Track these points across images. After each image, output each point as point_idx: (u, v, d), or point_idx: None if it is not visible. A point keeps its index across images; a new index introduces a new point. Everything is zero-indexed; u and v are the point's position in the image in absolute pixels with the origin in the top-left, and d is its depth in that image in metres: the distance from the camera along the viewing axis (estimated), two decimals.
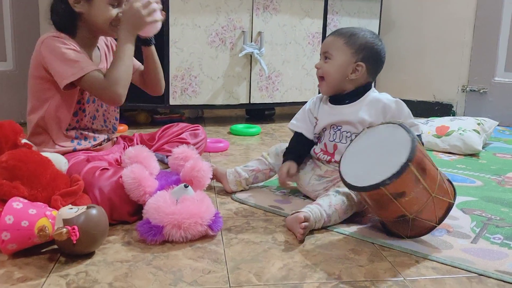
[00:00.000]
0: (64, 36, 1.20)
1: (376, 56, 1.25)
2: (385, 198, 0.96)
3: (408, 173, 0.93)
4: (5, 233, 0.87)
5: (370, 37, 1.24)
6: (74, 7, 1.20)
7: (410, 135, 0.98)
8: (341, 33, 1.25)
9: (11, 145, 1.08)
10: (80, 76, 1.15)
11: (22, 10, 2.19)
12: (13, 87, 2.21)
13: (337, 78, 1.24)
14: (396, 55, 3.02)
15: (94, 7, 1.20)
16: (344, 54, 1.22)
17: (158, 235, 0.98)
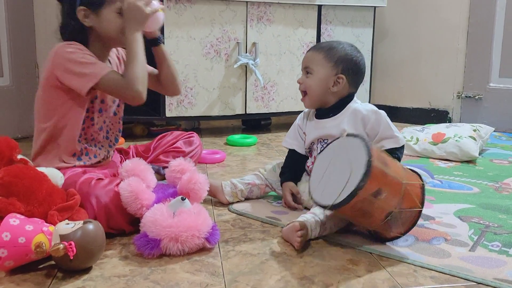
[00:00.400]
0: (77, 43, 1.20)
1: (356, 67, 1.27)
2: (366, 202, 0.97)
3: (374, 168, 0.96)
4: (2, 250, 0.87)
5: (349, 49, 1.27)
6: (84, 22, 1.21)
7: (359, 139, 1.01)
8: (319, 48, 1.28)
9: (7, 161, 1.08)
10: (98, 78, 1.16)
11: (18, 26, 2.20)
12: (10, 103, 2.22)
13: (319, 91, 1.26)
14: (391, 63, 3.05)
15: (103, 18, 1.21)
16: (324, 67, 1.25)
17: (156, 249, 0.97)
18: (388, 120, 1.24)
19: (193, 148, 1.53)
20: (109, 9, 1.21)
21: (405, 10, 2.94)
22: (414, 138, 2.05)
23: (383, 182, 0.97)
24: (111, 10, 1.21)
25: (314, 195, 1.06)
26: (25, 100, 2.28)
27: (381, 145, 1.22)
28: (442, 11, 2.80)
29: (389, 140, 1.21)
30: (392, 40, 3.02)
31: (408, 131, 2.14)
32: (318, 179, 1.08)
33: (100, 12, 1.21)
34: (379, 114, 1.24)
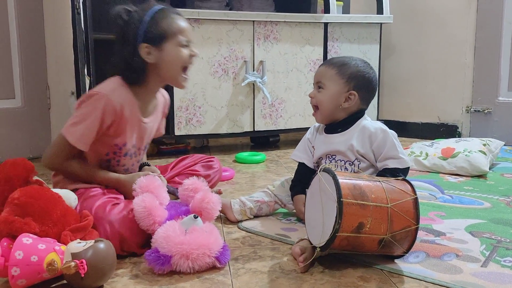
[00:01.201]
0: (98, 96, 1.21)
1: (368, 84, 1.27)
2: (351, 238, 0.98)
3: (347, 207, 0.96)
4: (15, 268, 0.88)
5: (361, 65, 1.27)
6: (147, 59, 1.23)
7: (330, 174, 1.01)
8: (332, 63, 1.28)
9: (23, 182, 1.09)
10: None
11: (29, 48, 2.26)
12: (22, 124, 2.26)
13: (330, 107, 1.26)
14: (399, 79, 3.06)
15: (166, 53, 1.23)
16: (336, 83, 1.25)
17: (166, 265, 0.98)
18: (396, 141, 1.23)
19: (210, 172, 1.52)
20: (171, 43, 1.23)
21: (411, 26, 2.96)
22: (424, 153, 2.04)
23: (362, 215, 0.97)
24: (174, 44, 1.24)
25: (307, 232, 1.07)
26: (37, 121, 2.32)
27: (385, 164, 1.21)
28: (449, 26, 2.81)
29: (393, 160, 1.20)
30: (399, 56, 3.04)
31: (417, 146, 2.14)
32: (309, 216, 1.10)
33: (163, 47, 1.23)
34: (387, 133, 1.24)
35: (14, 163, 1.09)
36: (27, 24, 2.23)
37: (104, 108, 1.19)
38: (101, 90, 1.22)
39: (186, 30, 1.27)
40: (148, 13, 1.23)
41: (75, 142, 1.19)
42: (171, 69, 1.26)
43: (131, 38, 1.22)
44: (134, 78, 1.25)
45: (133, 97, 1.26)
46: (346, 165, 1.25)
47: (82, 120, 1.20)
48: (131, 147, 1.32)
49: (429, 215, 1.38)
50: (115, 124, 1.23)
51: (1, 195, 1.04)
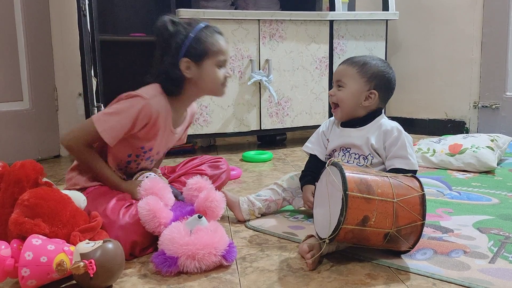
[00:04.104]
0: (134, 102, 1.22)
1: (388, 84, 1.29)
2: (356, 231, 0.99)
3: (352, 200, 0.97)
4: (25, 269, 0.89)
5: (382, 65, 1.28)
6: (186, 74, 1.25)
7: (338, 168, 1.02)
8: (353, 62, 1.29)
9: (32, 184, 1.10)
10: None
11: (36, 51, 2.28)
12: (30, 126, 2.28)
13: (351, 105, 1.28)
14: (405, 75, 3.04)
15: (203, 71, 1.26)
16: (357, 82, 1.26)
17: (173, 266, 0.98)
18: (408, 143, 1.24)
19: (217, 172, 1.52)
20: (210, 61, 1.25)
21: (417, 22, 2.95)
22: (431, 150, 2.03)
23: (368, 209, 0.98)
24: (212, 62, 1.26)
25: (315, 227, 1.09)
26: (45, 123, 2.34)
27: (392, 163, 1.22)
28: (455, 22, 2.80)
29: (401, 160, 1.21)
30: (405, 53, 3.03)
31: (424, 143, 2.13)
32: (317, 210, 1.11)
33: (202, 64, 1.25)
34: (401, 133, 1.25)
35: (23, 165, 1.09)
36: (34, 27, 2.25)
37: (140, 110, 1.20)
38: (143, 94, 1.22)
39: (225, 51, 1.29)
40: (194, 29, 1.25)
41: (102, 131, 1.19)
42: (207, 86, 1.29)
43: (174, 50, 1.24)
44: (171, 89, 1.27)
45: (169, 107, 1.28)
46: (360, 158, 1.26)
47: (116, 113, 1.21)
48: (155, 154, 1.35)
49: (437, 212, 1.38)
50: (147, 129, 1.24)
51: (11, 197, 1.05)
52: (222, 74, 1.29)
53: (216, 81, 1.28)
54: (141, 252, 1.11)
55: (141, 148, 1.30)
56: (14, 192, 1.05)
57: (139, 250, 1.10)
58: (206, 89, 1.31)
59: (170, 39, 1.25)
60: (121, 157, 1.31)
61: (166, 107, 1.27)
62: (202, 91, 1.32)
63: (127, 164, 1.32)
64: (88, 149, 1.25)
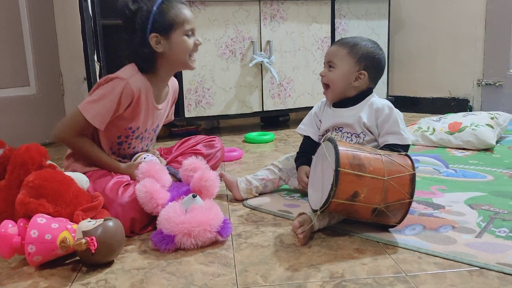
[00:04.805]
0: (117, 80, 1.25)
1: (377, 65, 1.31)
2: (346, 205, 1.03)
3: (343, 176, 1.01)
4: (31, 246, 0.95)
5: (372, 46, 1.30)
6: (156, 48, 1.28)
7: (332, 144, 1.05)
8: (344, 43, 1.31)
9: (37, 166, 1.15)
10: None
11: (41, 37, 2.32)
12: (37, 110, 2.34)
13: (341, 85, 1.30)
14: (409, 54, 3.03)
15: (173, 43, 1.28)
16: (347, 63, 1.28)
17: (171, 244, 1.04)
18: (399, 119, 1.27)
19: (212, 151, 1.57)
20: (178, 32, 1.28)
21: (420, 0, 2.92)
22: (431, 128, 2.05)
23: (358, 185, 1.01)
24: (180, 33, 1.28)
25: (309, 200, 1.14)
26: (51, 107, 2.40)
27: (385, 139, 1.25)
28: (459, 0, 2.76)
29: (394, 136, 1.24)
30: (409, 31, 3.01)
31: (424, 122, 2.14)
32: (311, 182, 1.16)
33: (170, 36, 1.27)
34: (392, 110, 1.28)
35: (28, 148, 1.14)
36: (38, 13, 2.29)
37: (122, 91, 1.24)
38: (121, 75, 1.26)
39: (191, 20, 1.31)
40: (155, 3, 1.27)
41: (90, 119, 1.24)
42: (178, 57, 1.31)
43: (140, 28, 1.26)
44: (146, 66, 1.30)
45: (148, 83, 1.31)
46: (352, 137, 1.30)
47: (100, 99, 1.25)
48: (144, 131, 1.38)
49: (431, 189, 1.41)
50: (131, 108, 1.28)
51: (17, 178, 1.11)
52: (192, 42, 1.31)
53: (187, 50, 1.30)
54: (141, 229, 1.16)
55: (129, 128, 1.34)
56: (20, 174, 1.11)
57: (139, 227, 1.15)
58: (177, 60, 1.32)
59: (134, 17, 1.26)
60: (112, 139, 1.34)
61: (145, 84, 1.30)
62: (175, 64, 1.34)
63: (119, 145, 1.36)
64: (80, 138, 1.29)
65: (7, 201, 1.09)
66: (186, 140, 1.60)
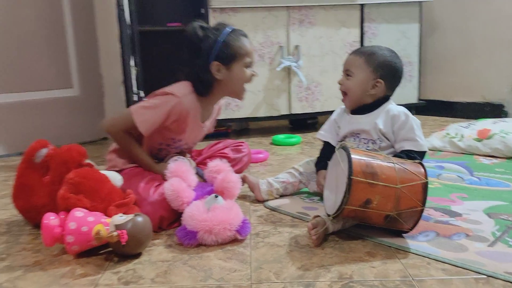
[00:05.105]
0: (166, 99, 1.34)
1: (394, 73, 1.34)
2: (358, 212, 1.07)
3: (356, 184, 1.05)
4: (70, 236, 1.05)
5: (389, 55, 1.34)
6: (216, 76, 1.37)
7: (346, 152, 1.09)
8: (361, 52, 1.36)
9: (77, 165, 1.26)
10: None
11: (84, 43, 2.47)
12: (79, 111, 2.50)
13: (358, 93, 1.35)
14: (442, 57, 3.00)
15: (233, 72, 1.38)
16: (364, 72, 1.33)
17: (193, 240, 1.12)
18: (415, 125, 1.30)
19: (239, 156, 1.64)
20: (239, 63, 1.37)
21: (454, 2, 2.89)
22: (459, 135, 2.05)
23: (371, 192, 1.06)
24: (241, 64, 1.37)
25: (325, 204, 1.19)
26: (92, 108, 2.55)
27: (401, 145, 1.28)
28: (494, 1, 2.72)
29: (409, 142, 1.27)
30: (442, 34, 2.98)
31: (453, 128, 2.14)
32: (327, 187, 1.22)
33: (231, 66, 1.37)
34: (408, 117, 1.31)
35: (69, 148, 1.26)
36: (80, 20, 2.45)
37: (173, 107, 1.33)
38: (176, 93, 1.34)
39: (252, 53, 1.40)
40: (222, 34, 1.35)
41: (138, 123, 1.33)
42: (235, 86, 1.41)
43: (204, 55, 1.35)
44: (202, 90, 1.39)
45: (199, 104, 1.40)
46: (369, 143, 1.34)
47: (151, 107, 1.35)
48: (184, 144, 1.49)
49: (451, 197, 1.43)
50: (177, 123, 1.38)
51: (59, 176, 1.22)
52: (249, 74, 1.40)
53: (244, 81, 1.40)
54: (169, 226, 1.25)
55: (172, 138, 1.44)
56: (62, 172, 1.22)
57: (166, 224, 1.25)
58: (233, 89, 1.41)
59: (200, 43, 1.35)
60: (154, 145, 1.45)
61: (195, 104, 1.39)
62: (228, 91, 1.43)
63: (158, 151, 1.47)
64: (125, 135, 1.40)
65: (51, 196, 1.21)
66: (215, 144, 1.68)
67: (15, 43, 2.24)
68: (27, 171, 1.26)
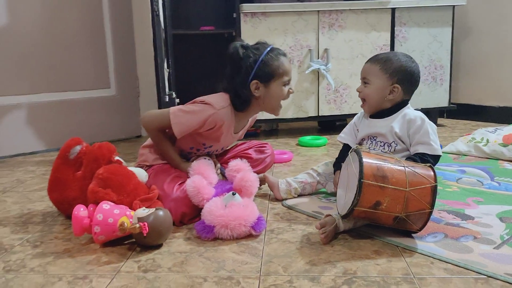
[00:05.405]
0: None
1: (410, 77, 1.38)
2: (368, 213, 1.12)
3: (366, 187, 1.09)
4: (97, 227, 1.16)
5: (404, 60, 1.37)
6: (254, 93, 1.44)
7: (358, 156, 1.13)
8: (376, 60, 1.40)
9: (107, 161, 1.37)
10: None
11: (121, 45, 2.62)
12: (116, 110, 2.65)
13: (376, 99, 1.39)
14: (475, 61, 2.95)
15: (271, 90, 1.44)
16: (380, 79, 1.37)
17: (210, 233, 1.20)
18: (431, 130, 1.33)
19: (262, 156, 1.70)
20: (277, 82, 1.44)
21: (488, 7, 2.84)
22: (484, 140, 2.03)
23: (381, 195, 1.10)
24: (279, 83, 1.44)
25: (337, 204, 1.25)
26: (128, 107, 2.70)
27: (416, 149, 1.31)
28: None
29: (424, 146, 1.30)
30: (475, 38, 2.93)
31: (479, 132, 2.12)
32: (340, 187, 1.27)
33: (270, 84, 1.44)
34: (424, 121, 1.34)
35: (100, 146, 1.37)
36: (119, 24, 2.59)
37: (209, 117, 1.40)
38: (215, 104, 1.41)
39: (289, 71, 1.47)
40: (262, 54, 1.42)
41: (173, 124, 1.41)
42: (272, 103, 1.48)
43: (244, 73, 1.43)
44: (239, 105, 1.46)
45: (233, 118, 1.48)
46: (385, 146, 1.39)
47: (189, 113, 1.42)
48: (215, 150, 1.58)
49: (467, 201, 1.44)
50: (210, 131, 1.45)
51: (90, 171, 1.34)
52: (286, 91, 1.47)
53: (281, 98, 1.46)
54: (190, 221, 1.34)
55: (203, 144, 1.52)
56: (93, 168, 1.33)
57: (188, 219, 1.33)
58: (270, 105, 1.48)
59: (240, 62, 1.42)
60: (184, 148, 1.53)
61: (231, 118, 1.46)
62: (265, 108, 1.49)
63: (188, 154, 1.55)
64: (159, 132, 1.49)
65: (82, 190, 1.32)
66: (240, 144, 1.76)
67: (58, 46, 2.41)
68: (62, 167, 1.38)
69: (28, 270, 1.08)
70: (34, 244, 1.23)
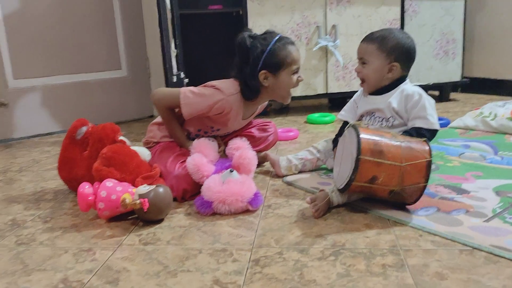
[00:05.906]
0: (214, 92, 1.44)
1: (407, 53, 1.38)
2: (364, 187, 1.14)
3: (363, 163, 1.11)
4: (101, 203, 1.22)
5: (400, 37, 1.37)
6: (263, 83, 1.46)
7: (355, 132, 1.14)
8: (372, 39, 1.39)
9: (111, 141, 1.43)
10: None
11: (131, 27, 2.66)
12: (127, 90, 2.71)
13: (375, 79, 1.40)
14: (489, 35, 2.88)
15: (280, 80, 1.45)
16: (378, 58, 1.37)
17: (209, 208, 1.25)
18: (428, 104, 1.34)
19: (265, 135, 1.73)
20: (286, 71, 1.45)
21: None
22: (492, 114, 2.01)
23: (377, 170, 1.12)
24: (288, 72, 1.45)
25: (334, 177, 1.27)
26: (139, 88, 2.76)
27: (413, 123, 1.32)
28: None
29: (421, 120, 1.31)
30: (491, 10, 2.85)
31: (488, 107, 2.09)
32: (337, 162, 1.29)
33: (278, 74, 1.45)
34: (421, 96, 1.35)
35: (104, 127, 1.43)
36: (128, 6, 2.63)
37: (217, 102, 1.43)
38: (225, 90, 1.43)
39: (298, 60, 1.47)
40: (269, 44, 1.43)
41: (182, 104, 1.45)
42: (281, 92, 1.49)
43: (252, 63, 1.44)
44: (249, 94, 1.48)
45: (242, 105, 1.50)
46: (383, 121, 1.40)
47: (199, 95, 1.45)
48: (221, 134, 1.62)
49: (465, 175, 1.44)
50: (218, 116, 1.49)
51: (95, 151, 1.40)
52: (295, 79, 1.47)
53: (290, 87, 1.47)
54: (191, 197, 1.39)
55: (211, 127, 1.56)
56: (98, 147, 1.39)
57: (189, 195, 1.39)
58: (279, 94, 1.49)
59: (248, 52, 1.44)
60: (192, 130, 1.57)
61: (239, 105, 1.49)
62: (275, 96, 1.51)
63: (195, 136, 1.58)
64: (168, 110, 1.52)
65: (89, 168, 1.39)
66: None
67: (70, 29, 2.47)
68: (70, 146, 1.45)
69: (38, 243, 1.15)
70: (45, 219, 1.31)
